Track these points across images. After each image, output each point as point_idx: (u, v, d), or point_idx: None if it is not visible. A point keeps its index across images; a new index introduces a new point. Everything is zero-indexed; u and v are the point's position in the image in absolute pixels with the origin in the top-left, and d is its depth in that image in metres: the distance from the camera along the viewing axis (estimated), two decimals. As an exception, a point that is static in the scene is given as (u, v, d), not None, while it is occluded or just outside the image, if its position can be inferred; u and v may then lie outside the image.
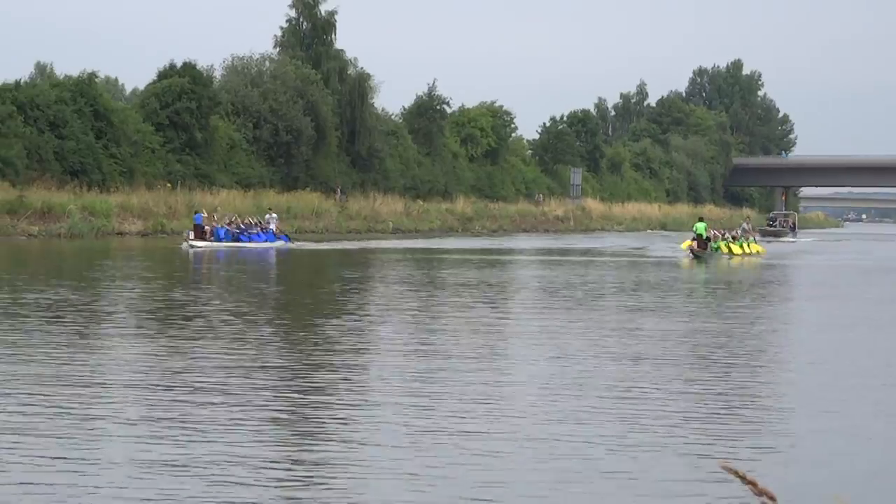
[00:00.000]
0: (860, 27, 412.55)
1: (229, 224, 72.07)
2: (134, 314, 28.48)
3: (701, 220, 67.25)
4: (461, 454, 13.88)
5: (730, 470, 4.11)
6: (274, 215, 78.36)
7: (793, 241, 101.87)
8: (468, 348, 22.71)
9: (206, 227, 69.81)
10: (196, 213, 73.13)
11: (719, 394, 18.49)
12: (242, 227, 72.81)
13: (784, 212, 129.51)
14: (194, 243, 66.53)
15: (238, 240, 70.52)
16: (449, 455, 13.82)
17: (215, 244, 67.94)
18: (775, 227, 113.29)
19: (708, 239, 65.81)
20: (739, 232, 72.55)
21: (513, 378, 19.50)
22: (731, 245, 68.08)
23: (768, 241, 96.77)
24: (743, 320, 30.10)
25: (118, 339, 23.28)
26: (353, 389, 18.17)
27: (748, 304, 35.91)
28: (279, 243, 72.21)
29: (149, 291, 35.53)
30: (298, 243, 73.46)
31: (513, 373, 20.09)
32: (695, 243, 64.36)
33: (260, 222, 75.63)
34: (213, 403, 16.55)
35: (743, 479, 4.10)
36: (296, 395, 17.57)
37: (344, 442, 14.56)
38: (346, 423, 15.55)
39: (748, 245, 69.55)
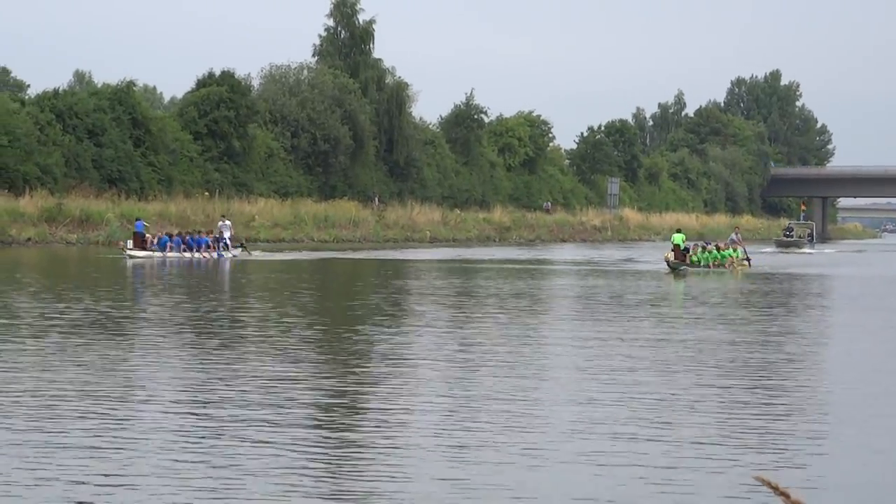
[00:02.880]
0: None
1: (177, 234, 64.90)
2: (155, 324, 27.96)
3: (679, 231, 63.66)
4: (497, 465, 13.50)
5: (763, 480, 4.04)
6: (227, 223, 68.71)
7: (810, 253, 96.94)
8: (503, 360, 22.17)
9: (148, 237, 62.99)
10: (137, 220, 66.60)
11: (751, 404, 17.99)
12: (188, 236, 64.66)
13: (802, 222, 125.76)
14: (133, 253, 60.03)
15: (186, 249, 62.68)
16: (485, 466, 13.43)
17: (158, 254, 61.04)
18: (792, 237, 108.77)
19: (686, 250, 61.50)
20: (728, 242, 67.89)
21: (546, 391, 19.04)
22: (711, 256, 62.03)
23: (783, 253, 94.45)
24: (726, 330, 29.37)
25: (146, 349, 22.83)
26: (388, 397, 17.73)
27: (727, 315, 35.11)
28: (234, 253, 64.76)
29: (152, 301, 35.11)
30: (256, 253, 66.38)
31: (546, 384, 19.62)
32: (672, 254, 60.38)
33: (211, 231, 67.32)
34: (241, 419, 16.00)
35: (776, 489, 3.99)
36: (330, 403, 17.13)
37: (379, 446, 14.15)
38: (380, 429, 15.11)
39: (735, 256, 63.32)
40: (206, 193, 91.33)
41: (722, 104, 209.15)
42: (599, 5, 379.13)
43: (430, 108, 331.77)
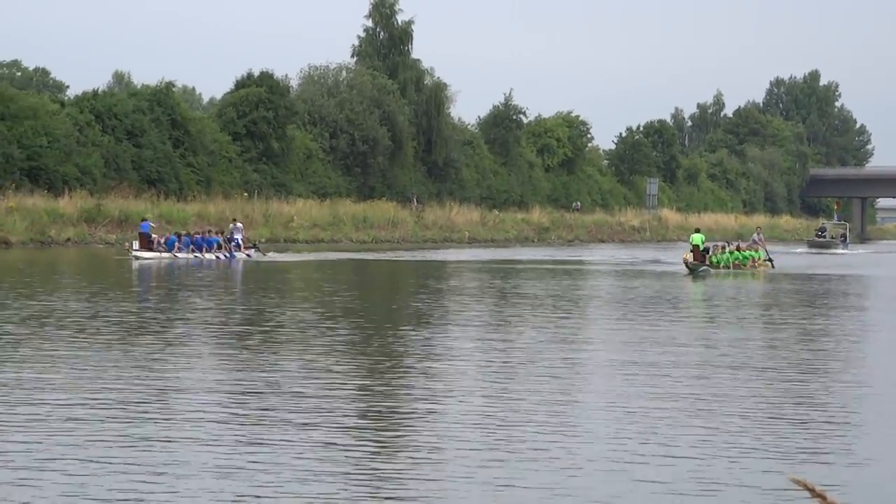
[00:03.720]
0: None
1: (185, 233, 63.05)
2: (182, 323, 27.36)
3: (697, 230, 60.51)
4: (536, 468, 13.09)
5: (800, 482, 4.04)
6: (239, 225, 66.72)
7: (843, 254, 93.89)
8: (543, 359, 21.55)
9: (154, 237, 60.58)
10: (143, 220, 63.68)
11: (790, 405, 17.44)
12: (197, 236, 62.90)
13: (836, 222, 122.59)
14: (139, 254, 57.86)
15: (195, 250, 60.68)
16: (524, 468, 13.00)
17: (165, 255, 59.03)
18: (824, 238, 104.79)
19: (706, 251, 58.55)
20: (750, 243, 64.74)
21: (587, 388, 18.51)
22: (732, 257, 59.20)
23: (815, 253, 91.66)
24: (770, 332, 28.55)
25: (187, 351, 22.23)
26: (426, 397, 17.09)
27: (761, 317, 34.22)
28: (246, 253, 62.81)
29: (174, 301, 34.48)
30: (270, 254, 63.83)
31: (587, 384, 19.10)
32: (690, 255, 57.38)
33: (222, 232, 65.19)
34: (283, 420, 15.40)
35: (812, 491, 3.96)
36: (368, 404, 16.60)
37: (419, 447, 13.60)
38: (421, 427, 14.44)
39: (757, 257, 60.68)
40: (245, 194, 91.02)
41: (761, 105, 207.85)
42: (638, 6, 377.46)
43: (468, 108, 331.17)
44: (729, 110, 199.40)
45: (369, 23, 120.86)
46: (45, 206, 73.33)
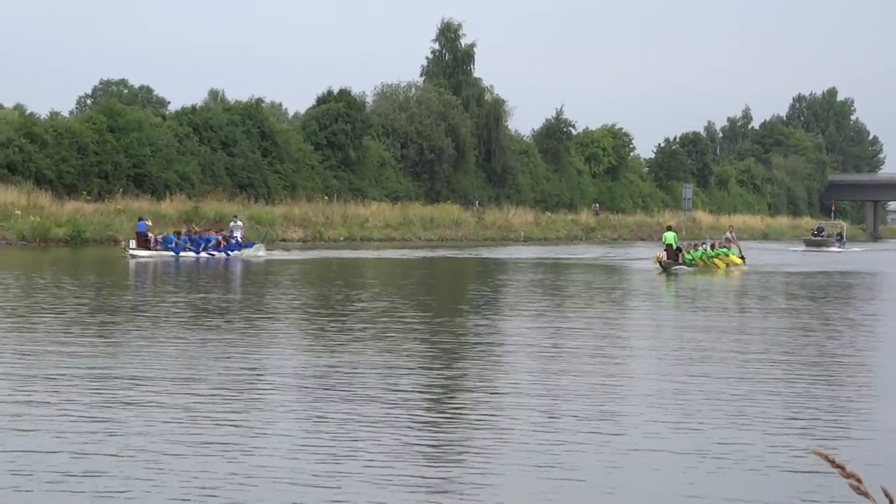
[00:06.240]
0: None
1: (185, 232, 57.72)
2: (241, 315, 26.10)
3: (669, 228, 55.15)
4: (583, 455, 11.94)
5: (821, 454, 4.01)
6: (239, 223, 60.94)
7: (839, 252, 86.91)
8: (576, 349, 20.12)
9: (151, 236, 55.84)
10: (140, 219, 58.20)
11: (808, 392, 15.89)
12: (195, 235, 57.48)
13: (833, 222, 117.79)
14: (135, 253, 53.03)
15: (193, 248, 55.81)
16: (571, 456, 11.80)
17: (166, 254, 54.41)
18: (821, 237, 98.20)
19: (678, 249, 53.59)
20: (722, 240, 60.38)
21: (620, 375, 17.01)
22: (704, 255, 53.94)
23: (810, 252, 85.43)
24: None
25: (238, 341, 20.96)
26: (485, 387, 15.55)
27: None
28: (244, 252, 56.65)
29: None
30: (278, 252, 59.44)
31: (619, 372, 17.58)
32: (664, 254, 52.52)
33: (221, 230, 60.48)
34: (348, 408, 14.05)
35: (832, 462, 3.98)
36: (427, 394, 15.08)
37: (476, 440, 12.11)
38: (478, 420, 12.85)
39: (728, 255, 55.18)
40: (326, 198, 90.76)
41: (784, 118, 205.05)
42: (677, 32, 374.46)
43: (524, 121, 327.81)
44: (756, 123, 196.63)
45: (436, 46, 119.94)
46: (149, 208, 72.87)
